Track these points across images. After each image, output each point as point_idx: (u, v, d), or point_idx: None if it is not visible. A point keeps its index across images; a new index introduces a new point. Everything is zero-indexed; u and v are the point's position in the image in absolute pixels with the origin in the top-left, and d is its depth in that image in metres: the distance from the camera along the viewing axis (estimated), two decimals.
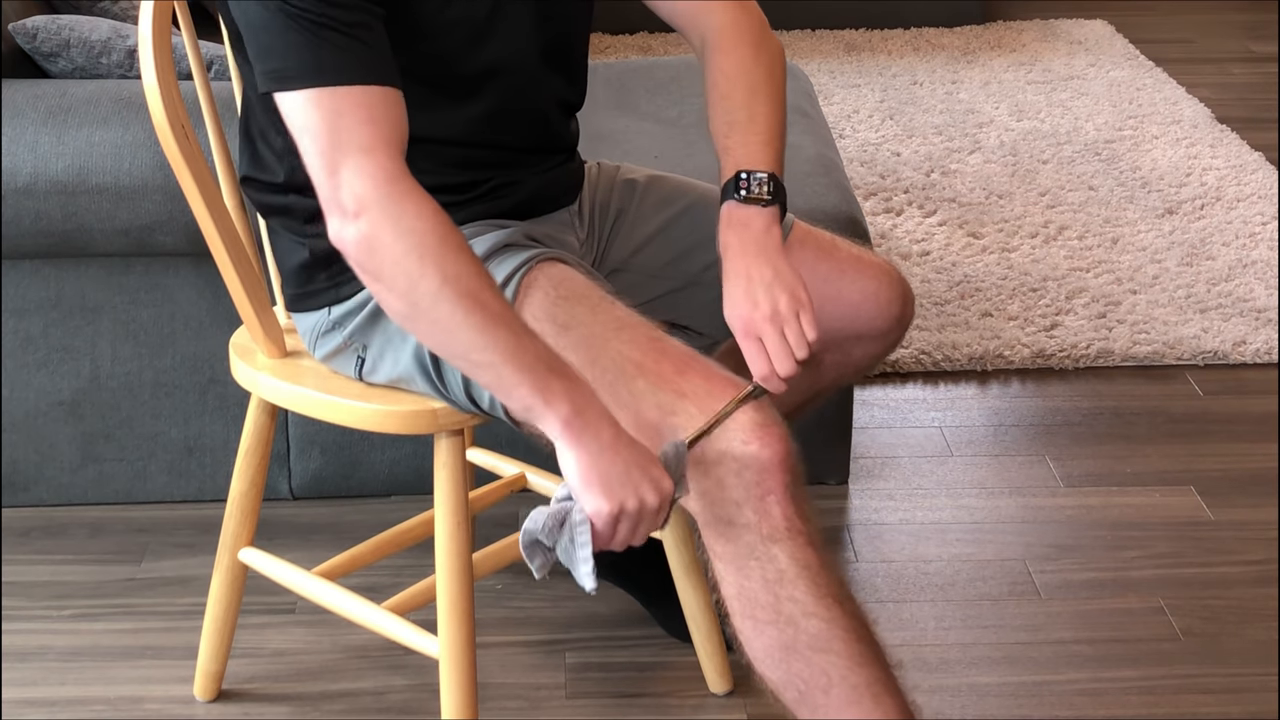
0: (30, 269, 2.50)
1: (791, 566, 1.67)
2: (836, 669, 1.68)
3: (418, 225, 1.60)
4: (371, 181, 1.60)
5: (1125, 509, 2.68)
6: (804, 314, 1.79)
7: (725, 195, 1.86)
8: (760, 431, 1.66)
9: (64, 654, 2.32)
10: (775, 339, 1.77)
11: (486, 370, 1.62)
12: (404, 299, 1.61)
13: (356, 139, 1.61)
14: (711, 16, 1.96)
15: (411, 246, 1.59)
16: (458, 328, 1.60)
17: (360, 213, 1.60)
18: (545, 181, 1.95)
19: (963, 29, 5.27)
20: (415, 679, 2.25)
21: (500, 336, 1.60)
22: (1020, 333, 3.21)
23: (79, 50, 2.54)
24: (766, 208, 1.84)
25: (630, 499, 1.60)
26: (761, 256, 1.81)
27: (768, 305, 1.78)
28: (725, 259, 1.83)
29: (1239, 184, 3.93)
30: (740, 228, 1.83)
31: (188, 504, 2.65)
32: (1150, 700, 2.22)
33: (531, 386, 1.60)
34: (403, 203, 1.60)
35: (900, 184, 3.95)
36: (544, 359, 1.62)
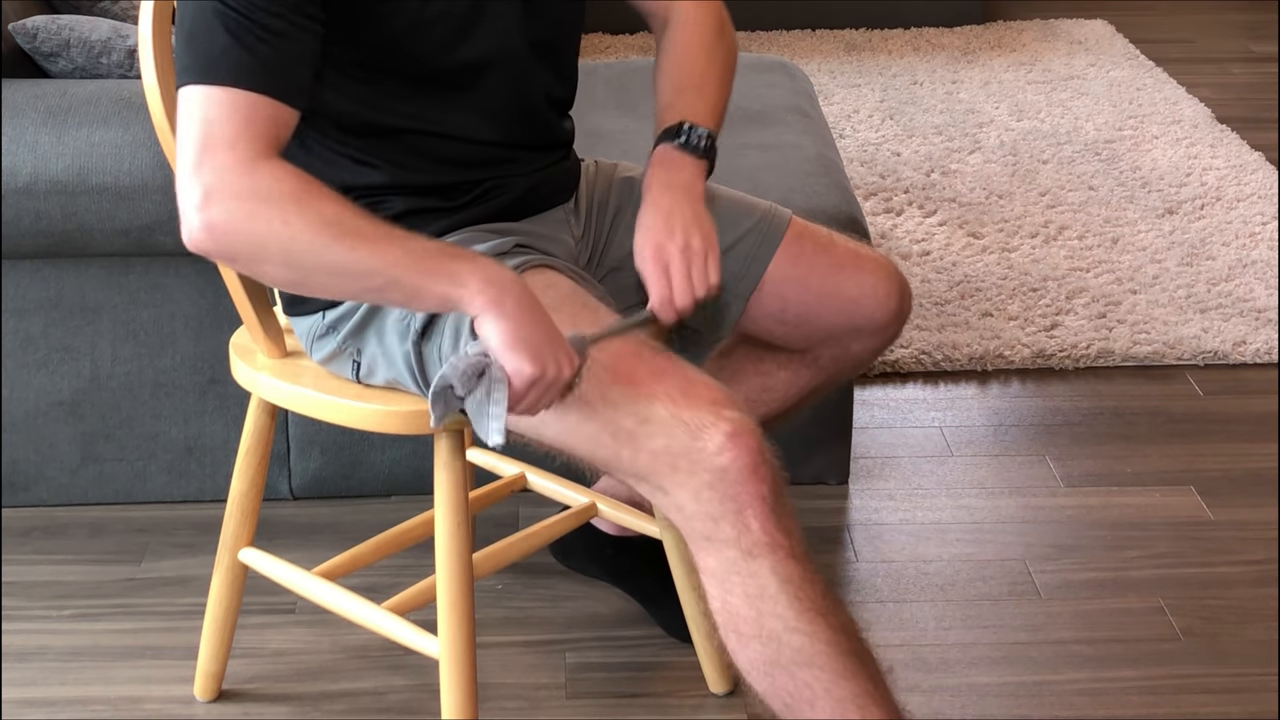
0: (30, 269, 2.50)
1: (773, 581, 1.66)
2: (821, 683, 1.67)
3: (271, 187, 1.60)
4: (227, 171, 1.60)
5: (1125, 509, 2.68)
6: (711, 256, 1.82)
7: (660, 139, 1.90)
8: (733, 441, 1.65)
9: (64, 654, 2.32)
10: (682, 269, 1.80)
11: (393, 289, 1.62)
12: (285, 264, 1.61)
13: (224, 134, 1.61)
14: (678, 3, 2.00)
15: (273, 210, 1.59)
16: (346, 265, 1.60)
17: (206, 204, 1.59)
18: (539, 179, 1.95)
19: (963, 29, 5.27)
20: (415, 679, 2.25)
21: (391, 251, 1.61)
22: (1020, 333, 3.21)
23: (79, 50, 2.54)
24: (699, 159, 1.89)
25: (550, 366, 1.61)
26: (684, 196, 1.85)
27: (682, 238, 1.81)
28: (647, 193, 1.86)
29: (1239, 184, 3.93)
30: (670, 168, 1.88)
31: (188, 504, 2.65)
32: (1150, 700, 2.22)
33: (438, 278, 1.61)
34: (254, 176, 1.60)
35: (900, 184, 3.95)
36: (441, 251, 1.63)
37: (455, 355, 1.63)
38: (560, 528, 2.18)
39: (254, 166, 1.60)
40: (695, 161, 1.89)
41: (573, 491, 2.24)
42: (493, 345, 1.61)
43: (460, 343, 1.77)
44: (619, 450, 1.70)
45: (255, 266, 1.63)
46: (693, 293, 1.81)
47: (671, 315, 1.80)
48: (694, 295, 1.81)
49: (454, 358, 1.62)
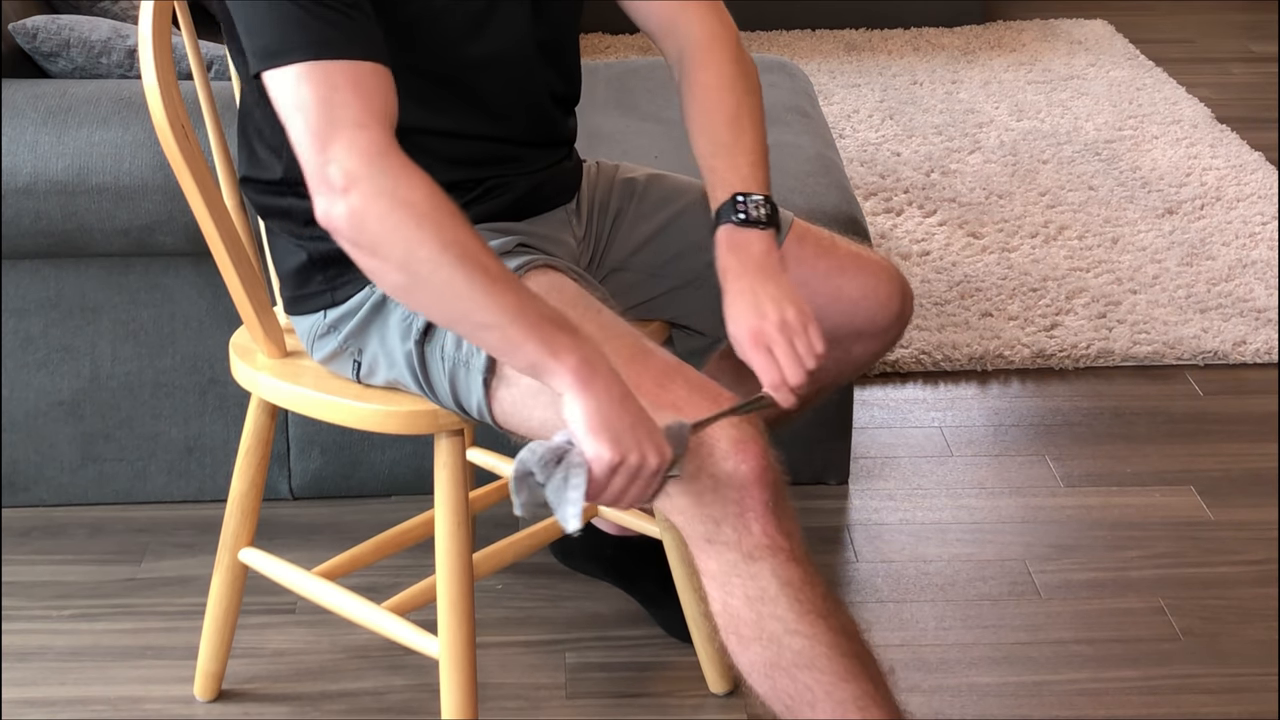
0: (30, 269, 2.50)
1: (773, 584, 1.65)
2: (821, 685, 1.66)
3: (412, 195, 1.59)
4: (363, 156, 1.59)
5: (1125, 509, 2.68)
6: (811, 326, 1.78)
7: (721, 218, 1.85)
8: (738, 447, 1.65)
9: (64, 654, 2.32)
10: (786, 347, 1.76)
11: (491, 332, 1.61)
12: (402, 269, 1.60)
13: (350, 114, 1.60)
14: (690, 27, 1.96)
15: (408, 215, 1.58)
16: (460, 291, 1.59)
17: (350, 187, 1.58)
18: (542, 179, 1.95)
19: (963, 29, 5.27)
20: (415, 679, 2.25)
21: (504, 297, 1.60)
22: (1020, 333, 3.21)
23: (79, 50, 2.54)
24: (764, 230, 1.84)
25: (633, 453, 1.58)
26: (763, 275, 1.81)
27: (776, 316, 1.77)
28: (726, 279, 1.82)
29: (1239, 184, 3.93)
30: (741, 250, 1.83)
31: (188, 504, 2.65)
32: (1150, 700, 2.22)
33: (538, 342, 1.59)
34: (396, 174, 1.59)
35: (900, 184, 3.95)
36: (548, 316, 1.61)
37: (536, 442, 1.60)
38: (560, 528, 2.17)
39: (391, 159, 1.59)
40: (761, 234, 1.84)
41: None
42: (575, 428, 1.59)
43: (462, 344, 1.77)
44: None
45: (373, 260, 1.61)
46: (803, 368, 1.77)
47: (790, 398, 1.76)
48: (805, 370, 1.77)
49: (533, 444, 1.60)
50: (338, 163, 1.58)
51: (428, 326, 1.80)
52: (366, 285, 1.84)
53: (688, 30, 1.96)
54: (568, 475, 1.58)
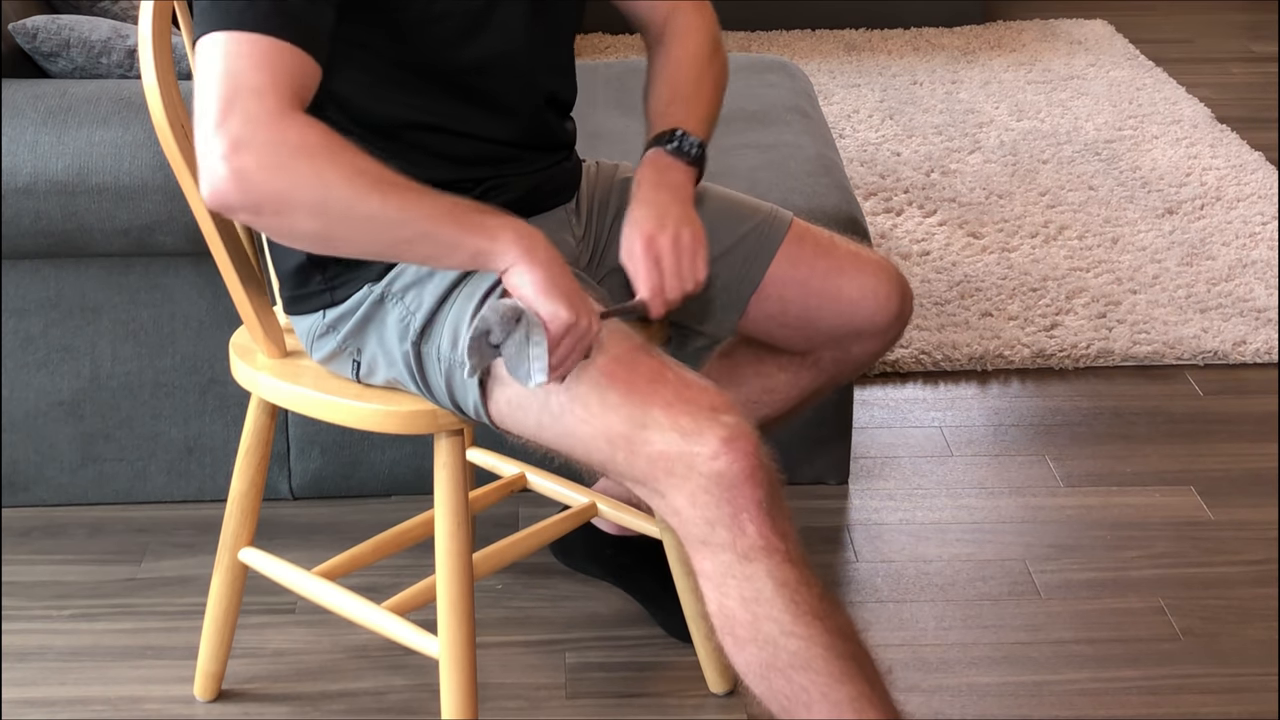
0: (30, 269, 2.50)
1: (769, 585, 1.65)
2: (817, 686, 1.66)
3: (305, 139, 1.58)
4: (255, 121, 1.57)
5: (1125, 509, 2.68)
6: (701, 252, 1.83)
7: (653, 144, 1.91)
8: (728, 446, 1.64)
9: (64, 654, 2.32)
10: (674, 262, 1.81)
11: (423, 242, 1.63)
12: (316, 213, 1.59)
13: (253, 81, 1.58)
14: (676, 15, 2.01)
15: (306, 160, 1.57)
16: (378, 214, 1.60)
17: (234, 153, 1.56)
18: (540, 180, 1.95)
19: (963, 29, 5.27)
20: (415, 679, 2.25)
21: (424, 204, 1.62)
22: (1020, 333, 3.21)
23: (79, 50, 2.54)
24: (690, 166, 1.90)
25: (583, 314, 1.65)
26: (674, 196, 1.86)
27: (673, 231, 1.82)
28: (637, 190, 1.87)
29: (1239, 184, 3.93)
30: (661, 170, 1.89)
31: (188, 504, 2.65)
32: (1150, 700, 2.22)
33: (473, 231, 1.63)
34: (286, 128, 1.58)
35: (900, 184, 3.95)
36: (473, 207, 1.65)
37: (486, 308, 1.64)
38: (560, 528, 2.18)
39: (283, 118, 1.58)
40: (686, 167, 1.90)
41: (573, 491, 2.24)
42: (527, 293, 1.63)
43: (458, 345, 1.77)
44: (614, 454, 1.70)
45: (280, 218, 1.60)
46: (682, 286, 1.81)
47: (661, 308, 1.80)
48: (684, 288, 1.81)
49: (485, 309, 1.64)
50: (226, 130, 1.56)
51: (424, 327, 1.80)
52: (366, 285, 1.84)
53: (674, 17, 2.02)
54: (528, 333, 1.63)
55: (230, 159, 1.56)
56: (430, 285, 1.80)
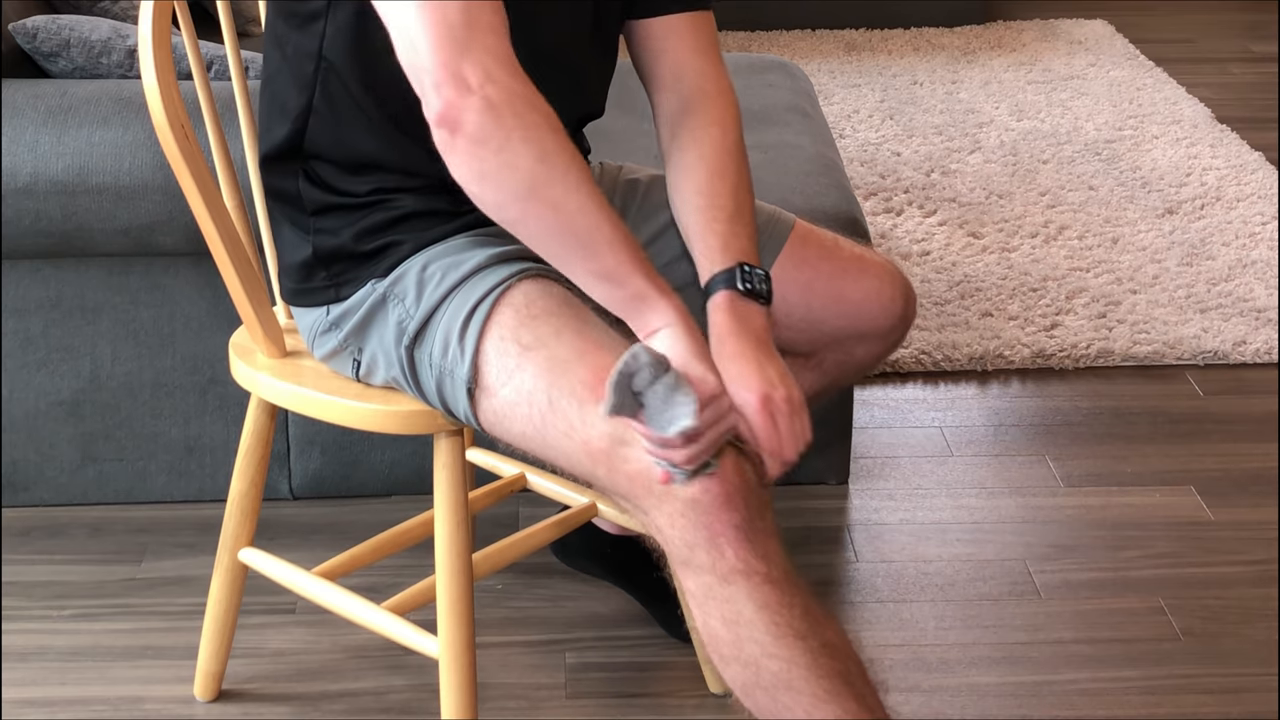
0: (30, 269, 2.50)
1: (749, 607, 1.63)
2: (801, 706, 1.65)
3: (542, 104, 1.60)
4: (500, 60, 1.58)
5: (1125, 509, 2.68)
6: (806, 412, 1.76)
7: (721, 283, 1.80)
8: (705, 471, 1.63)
9: (64, 654, 2.32)
10: (789, 422, 1.72)
11: (605, 255, 1.63)
12: (532, 170, 1.59)
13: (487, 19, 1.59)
14: (702, 81, 1.93)
15: (544, 119, 1.58)
16: (586, 205, 1.60)
17: (488, 82, 1.57)
18: None
19: (963, 29, 5.27)
20: (415, 679, 2.25)
21: (616, 229, 1.63)
22: (1020, 333, 3.21)
23: (79, 50, 2.54)
24: (764, 307, 1.81)
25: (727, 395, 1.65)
26: (765, 349, 1.77)
27: (785, 391, 1.73)
28: (726, 342, 1.76)
29: (1239, 184, 3.93)
30: (742, 319, 1.78)
31: (188, 504, 2.65)
32: (1150, 700, 2.22)
33: (646, 275, 1.64)
34: (525, 82, 1.59)
35: (900, 184, 3.95)
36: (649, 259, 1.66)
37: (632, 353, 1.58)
38: (560, 528, 2.18)
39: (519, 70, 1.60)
40: (762, 310, 1.80)
41: (573, 491, 2.24)
42: (679, 354, 1.63)
43: (448, 353, 1.76)
44: (595, 469, 1.69)
45: (500, 157, 1.59)
46: (800, 446, 1.74)
47: (778, 469, 1.73)
48: (799, 450, 1.74)
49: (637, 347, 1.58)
50: (476, 60, 1.57)
51: (418, 332, 1.80)
52: (369, 283, 1.84)
53: (697, 83, 1.93)
54: (676, 384, 1.58)
55: (485, 87, 1.57)
56: (427, 290, 1.80)
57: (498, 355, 1.74)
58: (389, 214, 1.83)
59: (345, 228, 1.83)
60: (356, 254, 1.84)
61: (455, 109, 1.58)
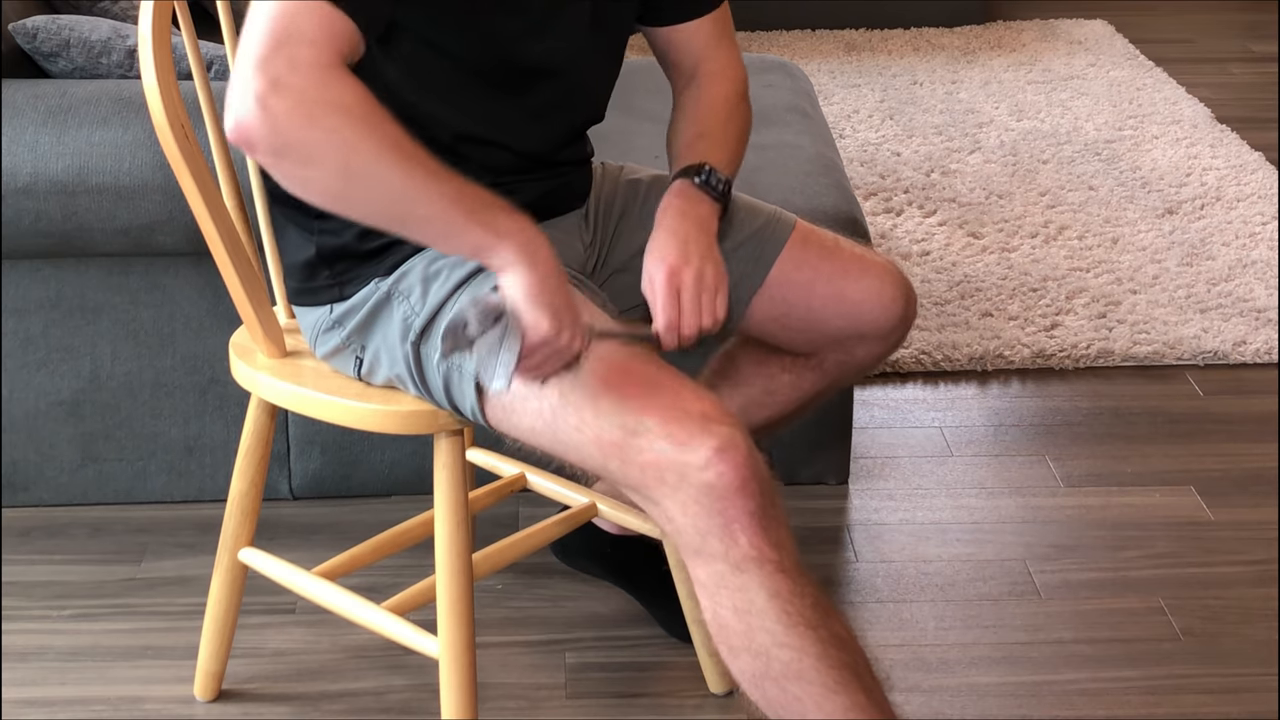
0: (30, 269, 2.50)
1: (761, 595, 1.64)
2: (811, 697, 1.65)
3: (344, 98, 1.56)
4: (300, 68, 1.55)
5: (1125, 509, 2.68)
6: (721, 291, 1.83)
7: (681, 175, 1.91)
8: (720, 456, 1.63)
9: (64, 654, 2.32)
10: (695, 297, 1.81)
11: (433, 223, 1.61)
12: (339, 173, 1.57)
13: (304, 31, 1.56)
14: (707, 62, 2.02)
15: (344, 118, 1.55)
16: (398, 186, 1.58)
17: (271, 94, 1.53)
18: (554, 186, 1.95)
19: (963, 29, 5.27)
20: (415, 679, 2.25)
21: (444, 186, 1.60)
22: (1020, 333, 3.21)
23: (79, 50, 2.54)
24: (715, 201, 1.90)
25: (565, 331, 1.63)
26: (700, 229, 1.86)
27: (697, 266, 1.82)
28: (662, 218, 1.86)
29: (1239, 184, 3.93)
30: (686, 201, 1.88)
31: (188, 504, 2.65)
32: (1150, 700, 2.22)
33: (480, 225, 1.61)
34: (330, 83, 1.56)
35: (900, 184, 3.95)
36: (490, 201, 1.63)
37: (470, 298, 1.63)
38: (560, 528, 2.18)
39: (328, 72, 1.56)
40: (712, 202, 1.90)
41: (573, 491, 2.24)
42: (515, 296, 1.62)
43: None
44: (607, 461, 1.69)
45: (301, 168, 1.58)
46: (700, 322, 1.81)
47: (674, 342, 1.80)
48: (700, 325, 1.81)
49: (468, 296, 1.63)
50: (267, 71, 1.54)
51: (424, 328, 1.80)
52: (373, 281, 1.84)
53: (706, 67, 2.02)
54: (504, 335, 1.62)
55: (266, 98, 1.53)
56: (434, 287, 1.80)
57: None
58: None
59: (348, 227, 1.83)
60: (360, 252, 1.84)
61: (240, 127, 1.55)
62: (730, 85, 2.02)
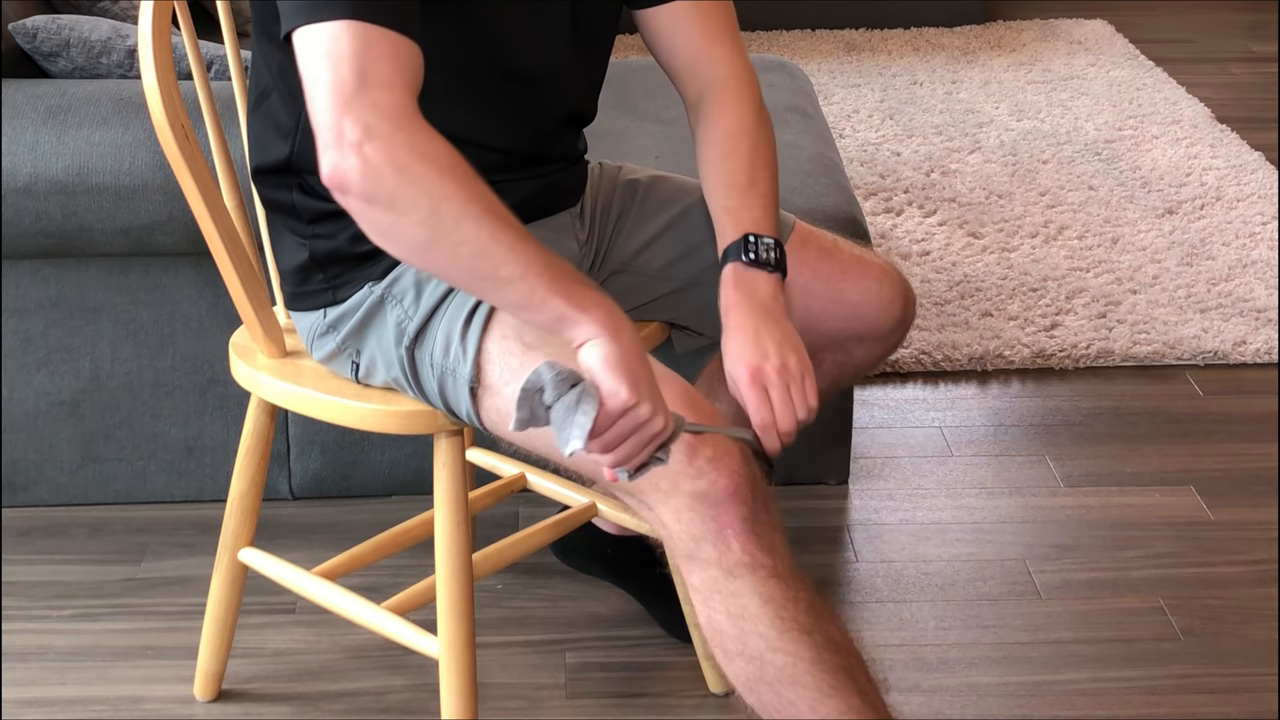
0: (30, 269, 2.50)
1: (754, 601, 1.64)
2: (805, 701, 1.65)
3: (433, 148, 1.54)
4: (385, 113, 1.53)
5: (1125, 509, 2.68)
6: (809, 378, 1.76)
7: (730, 256, 1.83)
8: (712, 464, 1.63)
9: (64, 654, 2.32)
10: (783, 392, 1.74)
11: (516, 286, 1.56)
12: (425, 223, 1.54)
13: (380, 73, 1.54)
14: (715, 68, 1.95)
15: (431, 168, 1.53)
16: (485, 245, 1.55)
17: (366, 141, 1.51)
18: (546, 184, 1.95)
19: (963, 29, 5.27)
20: (415, 679, 2.25)
21: (530, 250, 1.56)
22: (1020, 333, 3.21)
23: (79, 50, 2.54)
24: (772, 273, 1.82)
25: (645, 403, 1.55)
26: (769, 318, 1.78)
27: (778, 360, 1.75)
28: (730, 315, 1.79)
29: (1239, 184, 3.93)
30: (747, 290, 1.80)
31: (188, 504, 2.65)
32: (1150, 700, 2.22)
33: (564, 296, 1.56)
34: (415, 130, 1.54)
35: (900, 184, 3.95)
36: (571, 273, 1.58)
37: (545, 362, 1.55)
38: (560, 528, 2.18)
39: (413, 119, 1.54)
40: (769, 276, 1.82)
41: (573, 491, 2.24)
42: (594, 363, 1.55)
43: (450, 353, 1.77)
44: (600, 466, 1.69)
45: (391, 215, 1.54)
46: (795, 416, 1.75)
47: (776, 444, 1.74)
48: (796, 419, 1.75)
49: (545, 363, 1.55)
50: (357, 116, 1.52)
51: (418, 333, 1.79)
52: (366, 285, 1.84)
53: (711, 71, 1.95)
54: (580, 399, 1.54)
55: (361, 146, 1.51)
56: (426, 290, 1.80)
57: (501, 354, 1.74)
58: None
59: (341, 231, 1.83)
60: (353, 256, 1.84)
61: (338, 172, 1.53)
62: (741, 103, 1.94)
